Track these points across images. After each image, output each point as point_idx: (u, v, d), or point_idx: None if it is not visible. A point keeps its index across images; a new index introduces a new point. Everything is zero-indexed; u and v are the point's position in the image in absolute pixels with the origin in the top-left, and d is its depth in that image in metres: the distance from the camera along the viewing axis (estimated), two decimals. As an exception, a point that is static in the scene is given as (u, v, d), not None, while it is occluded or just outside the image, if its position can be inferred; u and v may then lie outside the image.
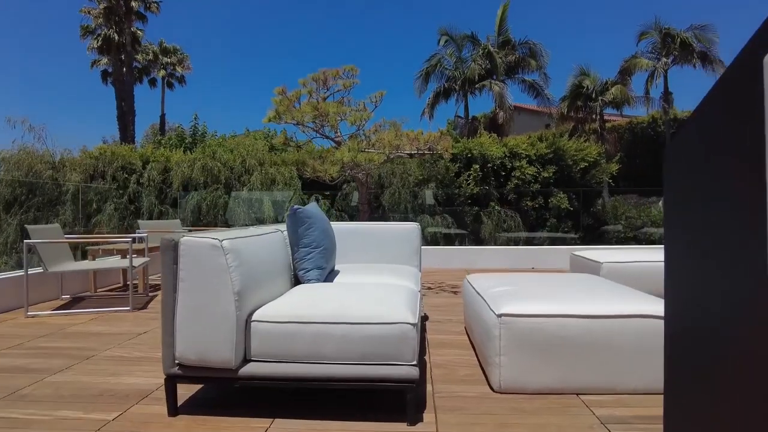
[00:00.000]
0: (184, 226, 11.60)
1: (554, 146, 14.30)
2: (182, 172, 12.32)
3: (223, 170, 12.68)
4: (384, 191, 14.26)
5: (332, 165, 4.10)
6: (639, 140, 25.14)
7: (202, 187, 12.38)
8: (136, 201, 12.30)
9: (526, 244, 12.77)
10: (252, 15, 68.63)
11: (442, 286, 5.34)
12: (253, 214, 12.72)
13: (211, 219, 12.10)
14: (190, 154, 13.26)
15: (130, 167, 12.50)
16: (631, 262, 4.40)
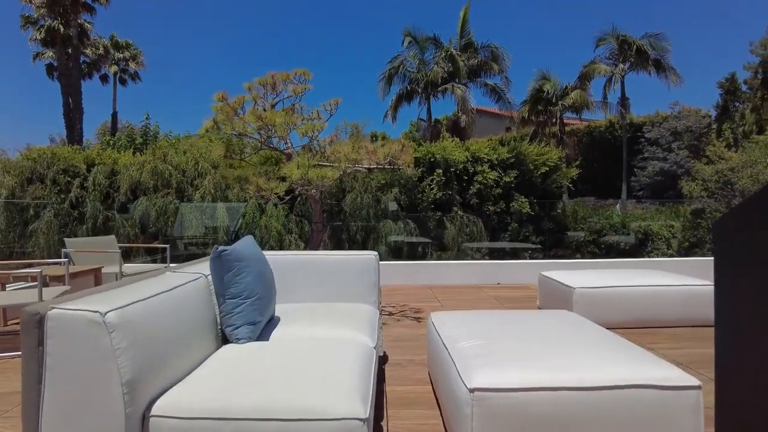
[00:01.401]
0: (125, 242, 10.75)
1: (516, 151, 14.28)
2: (130, 175, 11.48)
3: (175, 174, 11.90)
4: (345, 196, 13.82)
5: (279, 183, 3.62)
6: (597, 144, 25.65)
7: (152, 192, 11.58)
8: (79, 207, 11.37)
9: (489, 253, 12.59)
10: (209, 10, 66.57)
11: (405, 311, 4.93)
12: (205, 221, 12.00)
13: (161, 225, 11.33)
14: (140, 155, 12.40)
15: (73, 170, 11.56)
16: (605, 287, 4.11)
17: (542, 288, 4.87)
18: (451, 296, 5.73)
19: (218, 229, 11.89)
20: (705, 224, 11.53)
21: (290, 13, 64.76)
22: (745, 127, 16.03)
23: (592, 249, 14.99)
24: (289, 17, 65.38)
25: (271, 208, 13.05)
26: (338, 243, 13.70)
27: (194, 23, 65.82)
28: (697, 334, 3.93)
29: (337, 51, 61.43)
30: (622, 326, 4.11)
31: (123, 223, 11.25)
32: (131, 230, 11.42)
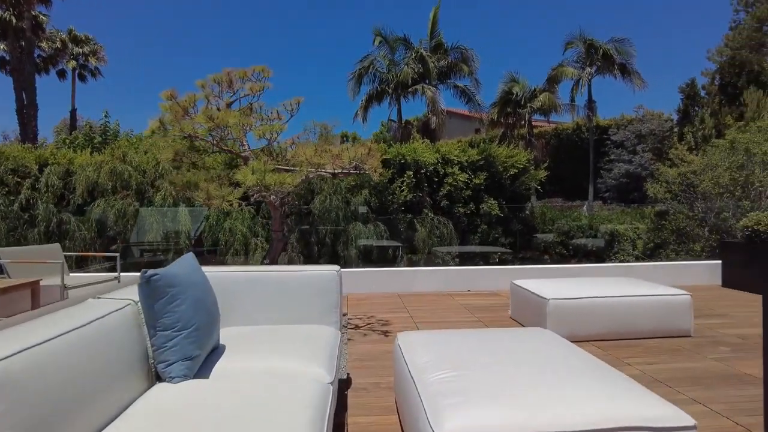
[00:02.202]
0: (81, 245, 10.13)
1: (485, 153, 14.27)
2: (87, 176, 10.85)
3: (135, 175, 11.33)
4: (314, 198, 13.49)
5: (233, 189, 3.30)
6: (564, 146, 25.99)
7: (110, 194, 10.98)
8: (30, 209, 10.67)
9: (460, 257, 12.48)
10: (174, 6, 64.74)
11: (372, 323, 4.67)
12: (167, 224, 11.48)
13: (120, 229, 10.74)
14: (98, 155, 11.75)
15: (23, 170, 10.85)
16: (579, 299, 3.95)
17: (514, 297, 4.70)
18: (421, 305, 5.51)
19: (180, 234, 11.39)
20: (669, 226, 11.68)
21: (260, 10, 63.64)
22: (705, 131, 16.44)
23: (560, 250, 15.12)
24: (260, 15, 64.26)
25: (236, 211, 12.60)
26: (307, 246, 13.36)
27: (158, 19, 63.90)
28: (672, 346, 3.81)
29: (307, 49, 60.75)
30: (597, 338, 3.96)
31: (79, 227, 10.62)
32: (88, 234, 10.80)
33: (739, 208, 10.04)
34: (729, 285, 6.41)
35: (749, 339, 4.00)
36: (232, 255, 11.73)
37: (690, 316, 4.03)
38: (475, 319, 4.79)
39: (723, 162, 10.60)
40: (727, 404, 2.69)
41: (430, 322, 4.69)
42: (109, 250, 10.46)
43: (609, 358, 3.51)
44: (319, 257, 13.34)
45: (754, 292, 5.99)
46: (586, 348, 3.77)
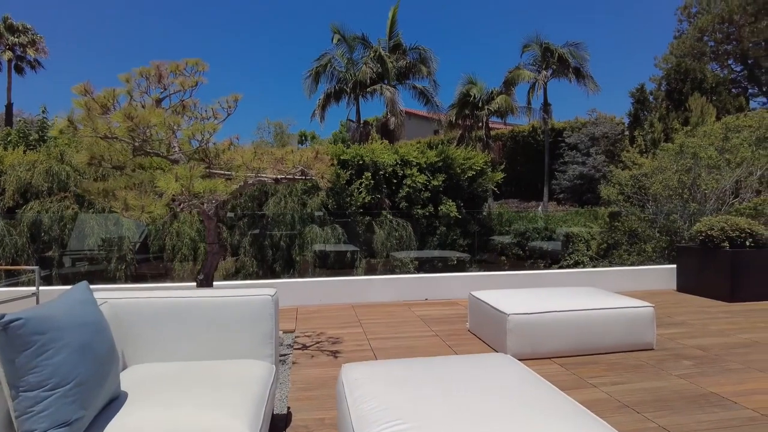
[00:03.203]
0: (11, 251, 9.29)
1: (444, 155, 14.18)
2: (18, 176, 9.92)
3: (74, 175, 10.46)
4: (268, 200, 12.97)
5: (154, 199, 2.86)
6: (520, 148, 26.36)
7: (45, 196, 10.09)
8: (-51, 213, 9.68)
9: (418, 261, 12.28)
10: None
11: (321, 342, 4.30)
12: (110, 228, 10.71)
13: (56, 234, 9.90)
14: (32, 154, 10.78)
15: (-59, 169, 9.86)
16: (540, 313, 3.72)
17: (473, 309, 4.45)
18: (376, 317, 5.18)
19: (123, 239, 10.64)
20: (621, 227, 11.86)
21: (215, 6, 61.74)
22: (654, 134, 16.94)
23: (517, 251, 15.20)
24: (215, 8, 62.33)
25: (185, 213, 11.93)
26: (260, 250, 12.82)
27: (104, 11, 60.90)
28: (636, 361, 3.64)
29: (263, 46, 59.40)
30: (559, 355, 3.75)
31: (9, 231, 9.72)
32: (19, 239, 9.90)
33: (687, 210, 10.27)
34: (683, 289, 6.42)
35: (709, 351, 3.89)
36: (179, 261, 11.08)
37: (653, 329, 3.88)
38: (432, 333, 4.51)
39: (672, 165, 10.83)
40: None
41: (384, 338, 4.37)
42: (43, 258, 9.64)
43: (572, 379, 3.29)
44: (274, 262, 12.82)
45: (707, 297, 6.01)
46: (549, 367, 3.55)
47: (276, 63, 62.58)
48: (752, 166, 9.84)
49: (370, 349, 4.03)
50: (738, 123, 10.71)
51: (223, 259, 12.11)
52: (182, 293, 2.46)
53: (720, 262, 5.88)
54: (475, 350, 3.97)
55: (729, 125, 10.73)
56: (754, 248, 5.87)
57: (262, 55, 62.75)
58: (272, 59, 62.50)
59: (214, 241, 3.78)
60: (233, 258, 12.46)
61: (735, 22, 25.25)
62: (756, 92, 26.41)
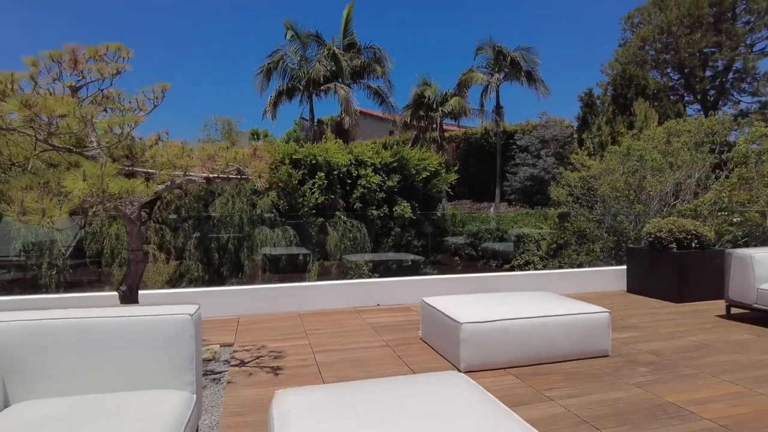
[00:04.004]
0: None
1: (398, 155, 14.04)
2: None
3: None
4: (214, 200, 12.37)
5: (59, 201, 2.45)
6: (473, 149, 26.66)
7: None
8: None
9: (372, 262, 12.04)
10: (62, -15, 58.38)
11: (261, 356, 3.95)
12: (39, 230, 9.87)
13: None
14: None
15: None
16: (494, 321, 3.53)
17: (425, 316, 4.22)
18: (324, 326, 4.87)
19: (55, 243, 9.82)
20: (571, 227, 12.05)
21: None
22: (601, 137, 17.46)
23: (470, 251, 15.26)
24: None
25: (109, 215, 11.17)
26: (206, 254, 12.21)
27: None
28: (592, 369, 3.52)
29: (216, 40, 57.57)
30: (514, 365, 3.58)
31: None
32: None
33: (633, 211, 10.53)
34: (633, 291, 6.48)
35: (663, 355, 3.83)
36: (119, 265, 10.34)
37: (608, 335, 3.78)
38: (382, 343, 4.25)
39: (619, 167, 11.08)
40: (660, 449, 2.36)
41: (331, 350, 4.07)
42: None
43: (529, 392, 3.11)
44: (221, 265, 12.24)
45: (656, 298, 6.07)
46: (504, 379, 3.36)
47: (228, 58, 60.78)
48: (691, 169, 10.20)
49: (314, 364, 3.72)
50: (678, 128, 11.09)
51: (166, 263, 11.45)
52: (84, 313, 2.07)
53: (668, 263, 5.94)
54: (426, 361, 3.74)
55: (671, 130, 11.10)
56: (699, 249, 5.97)
57: (213, 49, 60.82)
58: (224, 54, 60.67)
59: (138, 247, 3.36)
60: (177, 262, 11.80)
61: (673, 34, 26.55)
62: (691, 100, 27.87)
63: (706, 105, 26.99)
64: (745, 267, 4.87)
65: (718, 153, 10.42)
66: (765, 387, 3.19)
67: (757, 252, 4.93)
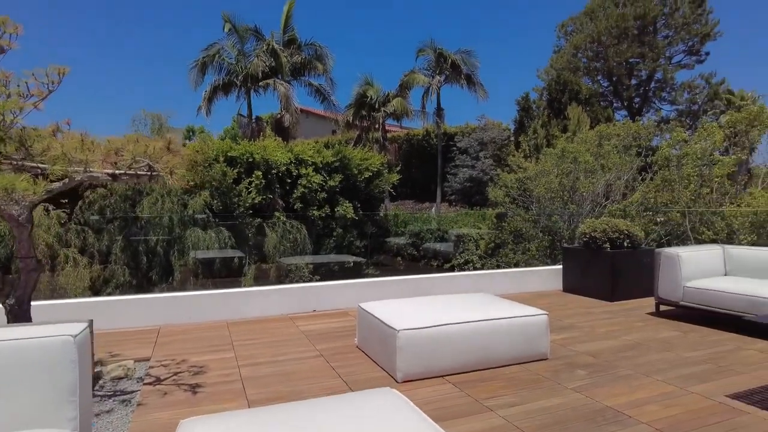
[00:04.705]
0: None
1: (340, 155, 13.78)
2: None
3: None
4: (142, 200, 11.56)
5: None
6: (415, 150, 26.83)
7: None
8: None
9: (312, 265, 11.71)
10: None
11: (180, 372, 3.57)
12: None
13: None
14: None
15: None
16: (432, 327, 3.36)
17: (361, 322, 4.00)
18: (253, 336, 4.53)
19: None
20: (508, 227, 12.27)
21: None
22: (537, 140, 18.01)
23: (412, 252, 15.26)
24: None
25: (41, 215, 10.18)
26: (134, 257, 11.39)
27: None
28: (531, 374, 3.43)
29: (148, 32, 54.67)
30: (453, 372, 3.42)
31: None
32: None
33: (567, 211, 10.86)
34: (569, 290, 6.58)
35: (600, 356, 3.82)
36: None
37: (547, 338, 3.72)
38: (316, 353, 3.97)
39: (554, 169, 11.39)
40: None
41: (259, 363, 3.75)
42: None
43: (467, 402, 2.96)
44: (149, 270, 11.47)
45: (591, 297, 6.18)
46: (442, 388, 3.19)
47: (162, 51, 57.87)
48: (620, 171, 10.64)
49: (239, 380, 3.39)
50: (609, 131, 11.56)
51: (89, 267, 10.57)
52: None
53: (602, 262, 6.07)
54: (362, 372, 3.52)
55: (602, 133, 11.55)
56: (631, 248, 6.15)
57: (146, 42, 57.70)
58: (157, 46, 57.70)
59: (29, 254, 2.90)
60: (101, 266, 10.92)
61: (602, 43, 27.98)
62: (619, 106, 29.49)
63: (632, 111, 28.65)
64: (673, 265, 5.02)
65: (643, 156, 10.94)
66: (694, 385, 3.22)
67: (684, 251, 5.10)
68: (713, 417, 2.75)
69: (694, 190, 9.07)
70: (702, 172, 9.28)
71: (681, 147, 9.85)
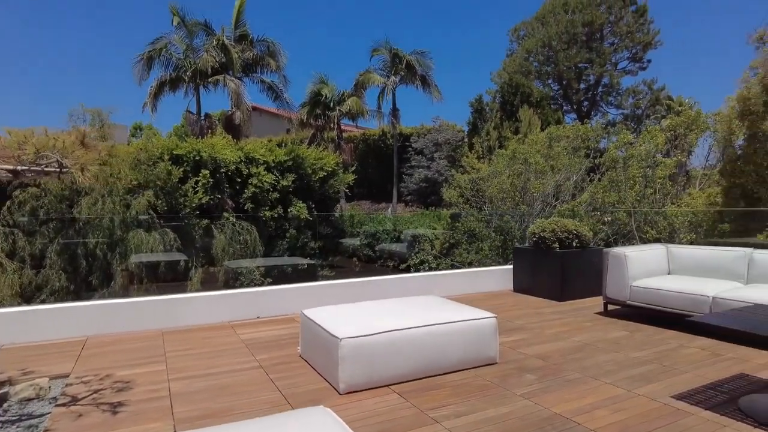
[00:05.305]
0: None
1: (293, 154, 13.44)
2: None
3: None
4: (80, 200, 10.82)
5: None
6: (371, 151, 26.67)
7: None
8: None
9: (264, 267, 11.33)
10: None
11: (102, 389, 3.22)
12: None
13: None
14: None
15: None
16: (377, 334, 3.19)
17: (304, 330, 3.77)
18: (190, 346, 4.21)
19: None
20: (461, 227, 12.31)
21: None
22: (490, 142, 18.23)
23: (368, 252, 15.09)
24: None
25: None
26: (72, 261, 10.64)
27: None
28: (480, 380, 3.31)
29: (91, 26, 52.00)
30: (399, 380, 3.26)
31: None
32: None
33: (518, 211, 10.99)
34: (520, 290, 6.58)
35: (549, 359, 3.76)
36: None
37: (496, 341, 3.62)
38: (255, 364, 3.71)
39: (506, 170, 11.51)
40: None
41: (192, 376, 3.46)
42: None
43: (412, 414, 2.80)
44: (89, 274, 10.75)
45: (541, 297, 6.19)
46: (387, 399, 3.02)
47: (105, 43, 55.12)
48: (569, 172, 10.87)
49: (167, 396, 3.10)
50: (559, 133, 11.80)
51: (19, 272, 9.78)
52: None
53: (551, 262, 6.09)
54: (303, 383, 3.29)
55: (552, 135, 11.77)
56: (580, 248, 6.20)
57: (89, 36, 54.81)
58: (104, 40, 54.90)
59: None
60: (34, 271, 10.13)
61: (553, 48, 28.79)
62: (569, 109, 30.45)
63: (581, 114, 29.62)
64: (620, 265, 5.07)
65: (591, 158, 11.22)
66: (641, 386, 3.20)
67: (631, 251, 5.16)
68: (659, 420, 2.71)
69: (639, 191, 9.36)
70: (646, 173, 9.58)
71: (627, 149, 10.16)
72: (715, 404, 2.92)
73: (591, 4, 27.99)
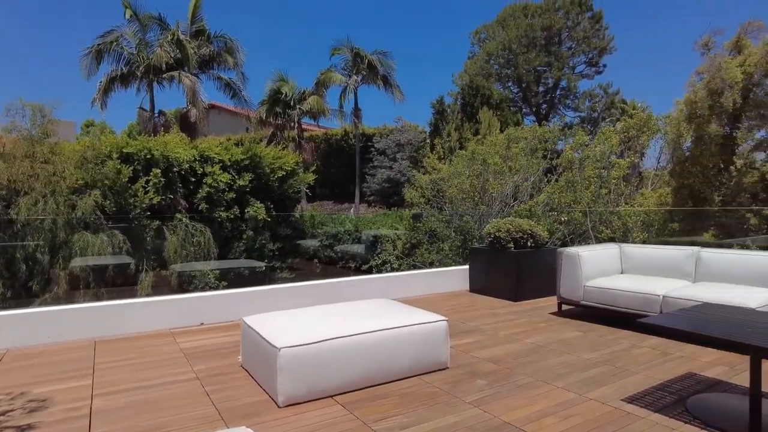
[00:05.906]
0: None
1: (251, 153, 13.04)
2: None
3: None
4: (18, 200, 10.12)
5: None
6: (334, 150, 26.38)
7: None
8: None
9: (219, 270, 10.94)
10: None
11: (12, 409, 2.89)
12: None
13: None
14: None
15: None
16: (318, 342, 2.99)
17: (245, 339, 3.54)
18: (122, 357, 3.89)
19: None
20: (423, 227, 12.25)
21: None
22: (451, 143, 18.30)
23: (329, 254, 14.84)
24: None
25: None
26: (9, 265, 9.95)
27: None
28: (429, 387, 3.17)
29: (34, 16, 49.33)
30: (343, 390, 3.07)
31: None
32: None
33: (478, 211, 11.01)
34: (476, 290, 6.52)
35: (501, 363, 3.66)
36: None
37: (446, 346, 3.49)
38: (191, 375, 3.45)
39: (465, 170, 11.52)
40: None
41: (120, 391, 3.17)
42: None
43: (354, 426, 2.62)
44: (29, 279, 10.08)
45: (496, 297, 6.14)
46: (329, 411, 2.83)
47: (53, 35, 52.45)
48: (527, 173, 10.96)
49: (87, 415, 2.80)
50: (517, 134, 11.90)
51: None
52: None
53: (506, 262, 6.04)
54: (240, 396, 3.06)
55: (510, 136, 11.85)
56: (535, 248, 6.18)
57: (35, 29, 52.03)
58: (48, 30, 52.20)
59: None
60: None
61: (513, 51, 29.27)
62: (528, 111, 31.03)
63: (539, 116, 30.23)
64: (574, 265, 5.05)
65: (549, 159, 11.36)
66: (592, 390, 3.13)
67: (584, 250, 5.16)
68: (609, 425, 2.63)
69: (594, 191, 9.51)
70: (601, 174, 9.75)
71: (582, 150, 10.32)
72: (664, 406, 2.88)
73: (549, 9, 28.63)
